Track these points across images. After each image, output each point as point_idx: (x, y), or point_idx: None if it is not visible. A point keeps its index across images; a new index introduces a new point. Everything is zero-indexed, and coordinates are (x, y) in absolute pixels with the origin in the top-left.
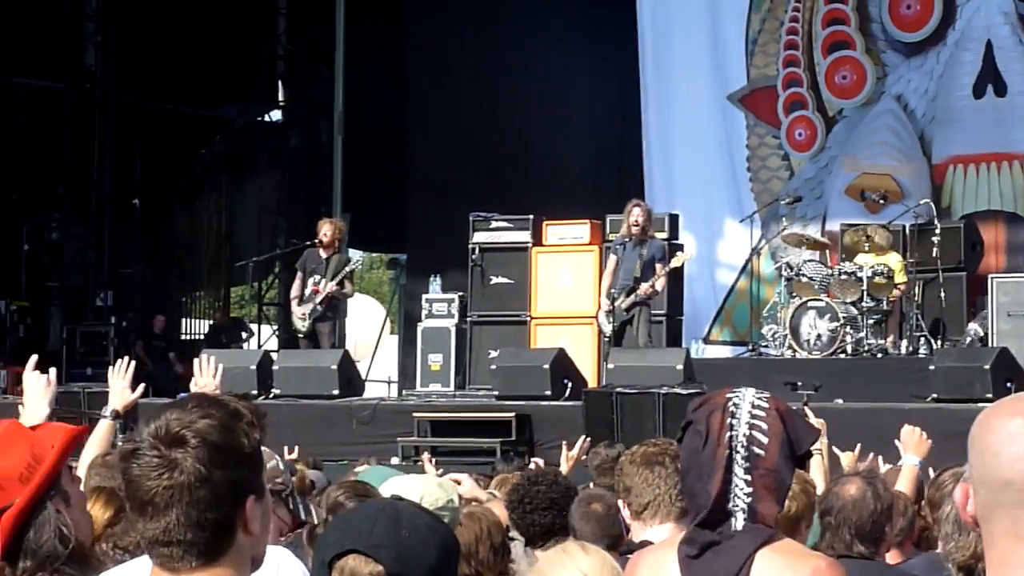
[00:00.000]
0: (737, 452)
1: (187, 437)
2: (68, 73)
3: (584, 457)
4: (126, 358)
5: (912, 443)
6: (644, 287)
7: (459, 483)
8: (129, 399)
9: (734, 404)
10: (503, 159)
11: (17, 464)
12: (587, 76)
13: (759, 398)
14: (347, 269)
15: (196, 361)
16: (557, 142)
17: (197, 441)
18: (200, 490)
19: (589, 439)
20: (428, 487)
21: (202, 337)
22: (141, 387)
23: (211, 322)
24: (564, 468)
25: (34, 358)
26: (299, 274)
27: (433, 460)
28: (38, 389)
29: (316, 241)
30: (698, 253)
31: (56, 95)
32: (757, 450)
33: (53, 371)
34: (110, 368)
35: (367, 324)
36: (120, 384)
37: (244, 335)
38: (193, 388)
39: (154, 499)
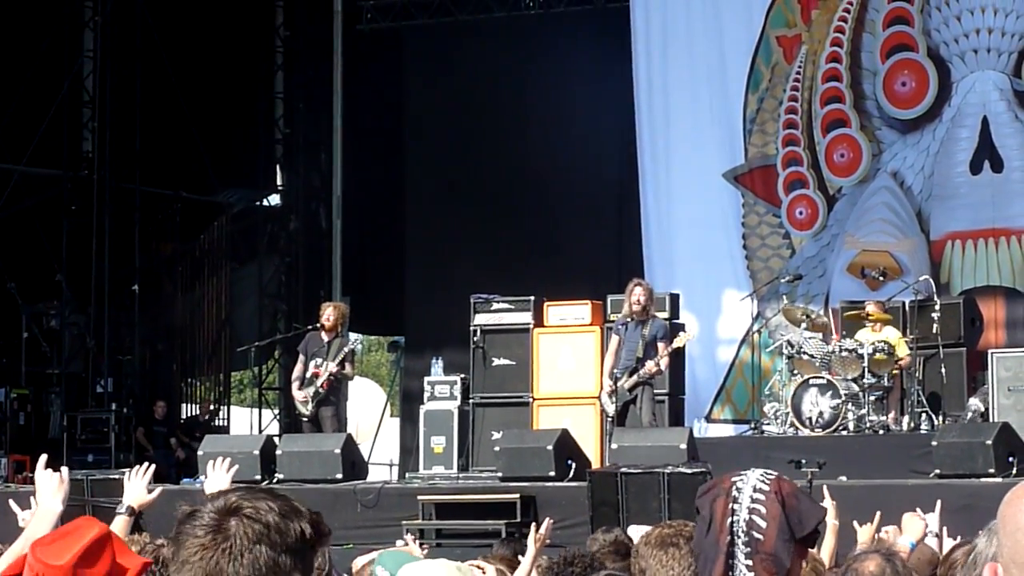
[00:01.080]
0: (738, 537)
1: (243, 508)
2: (66, 160)
3: (548, 541)
4: (147, 464)
5: (914, 529)
6: (648, 366)
7: (483, 571)
8: (146, 499)
9: (737, 488)
10: (502, 240)
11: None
12: (585, 155)
13: (761, 481)
14: (346, 350)
15: (209, 464)
16: (556, 222)
17: (252, 515)
18: (241, 559)
19: (551, 520)
20: (448, 574)
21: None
22: (159, 489)
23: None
24: (531, 550)
25: (44, 457)
26: (301, 357)
27: (418, 541)
28: (51, 486)
29: (318, 325)
30: (699, 332)
31: (54, 182)
32: (756, 535)
33: (65, 470)
34: (128, 471)
35: (367, 407)
36: (140, 483)
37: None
38: (207, 488)
39: (195, 557)
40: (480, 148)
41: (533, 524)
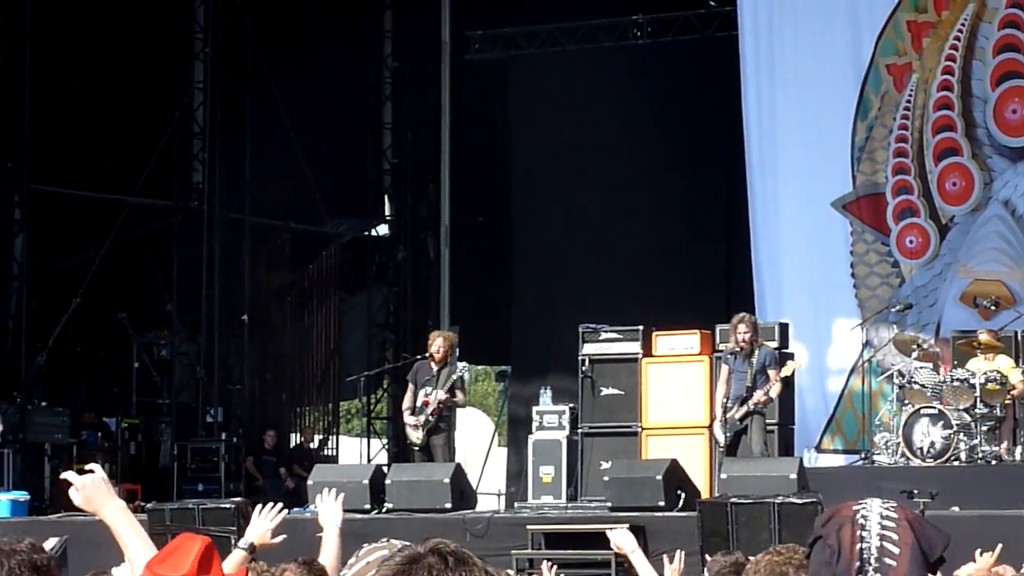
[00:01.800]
0: (869, 564)
1: (472, 559)
2: (176, 191)
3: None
4: (280, 505)
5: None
6: (758, 395)
7: None
8: (269, 541)
9: (863, 516)
10: (609, 269)
11: None
12: (693, 182)
13: (887, 508)
14: (454, 377)
15: (319, 494)
16: (663, 251)
17: (482, 564)
18: None
19: (683, 551)
20: None
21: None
22: (281, 537)
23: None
24: None
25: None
26: (410, 386)
27: (553, 568)
28: (95, 483)
29: (428, 354)
30: (808, 362)
31: (165, 213)
32: (889, 561)
33: (95, 466)
34: (259, 507)
35: (475, 436)
36: (266, 525)
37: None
38: (321, 517)
39: None
40: (587, 177)
41: (665, 556)
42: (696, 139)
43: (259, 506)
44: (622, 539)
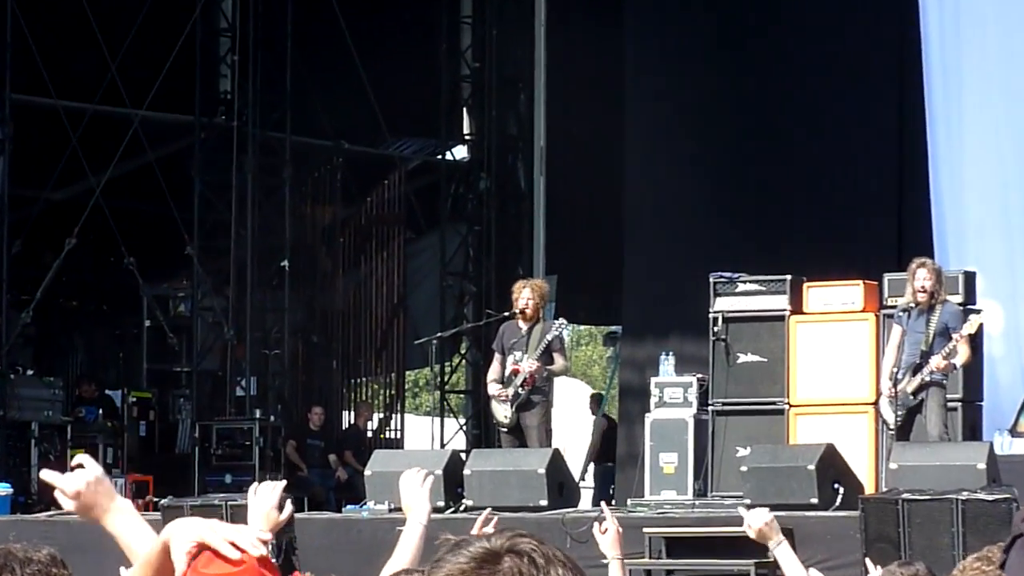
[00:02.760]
0: None
1: (524, 549)
2: (199, 103)
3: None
4: (275, 482)
5: None
6: (935, 360)
7: None
8: (277, 519)
9: None
10: (746, 204)
11: None
12: (853, 98)
13: None
14: (549, 338)
15: (403, 476)
16: (818, 182)
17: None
18: None
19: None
20: None
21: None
22: (289, 508)
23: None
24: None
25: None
26: (496, 355)
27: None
28: (91, 487)
29: (514, 311)
30: (1004, 325)
31: (183, 130)
32: None
33: (85, 458)
34: (252, 487)
35: (577, 415)
36: (266, 505)
37: None
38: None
39: None
40: (719, 92)
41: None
42: (856, 44)
43: (252, 487)
44: (760, 520)
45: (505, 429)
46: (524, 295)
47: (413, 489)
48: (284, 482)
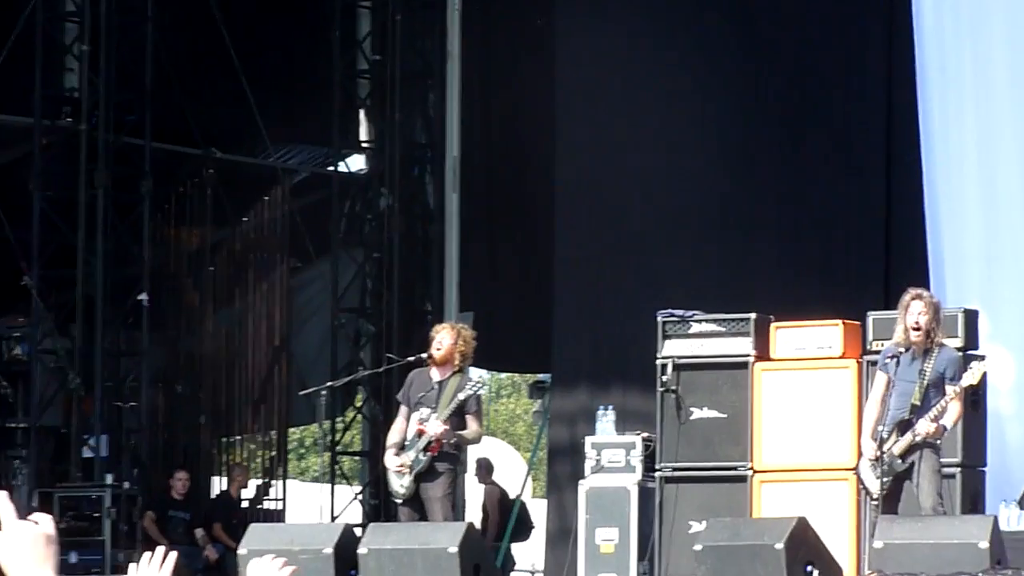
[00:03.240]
0: None
1: None
2: (38, 103)
3: None
4: (163, 548)
5: None
6: (923, 425)
7: None
8: None
9: None
10: (703, 228)
11: None
12: (829, 99)
13: None
14: (461, 397)
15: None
16: (782, 203)
17: None
18: None
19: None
20: None
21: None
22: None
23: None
24: None
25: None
26: (402, 408)
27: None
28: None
29: (426, 356)
30: (1016, 376)
31: (19, 136)
32: None
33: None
34: (133, 565)
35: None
36: None
37: None
38: None
39: None
40: (670, 93)
41: None
42: (834, 33)
43: (133, 566)
44: None
45: (401, 500)
46: (442, 338)
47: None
48: (175, 553)
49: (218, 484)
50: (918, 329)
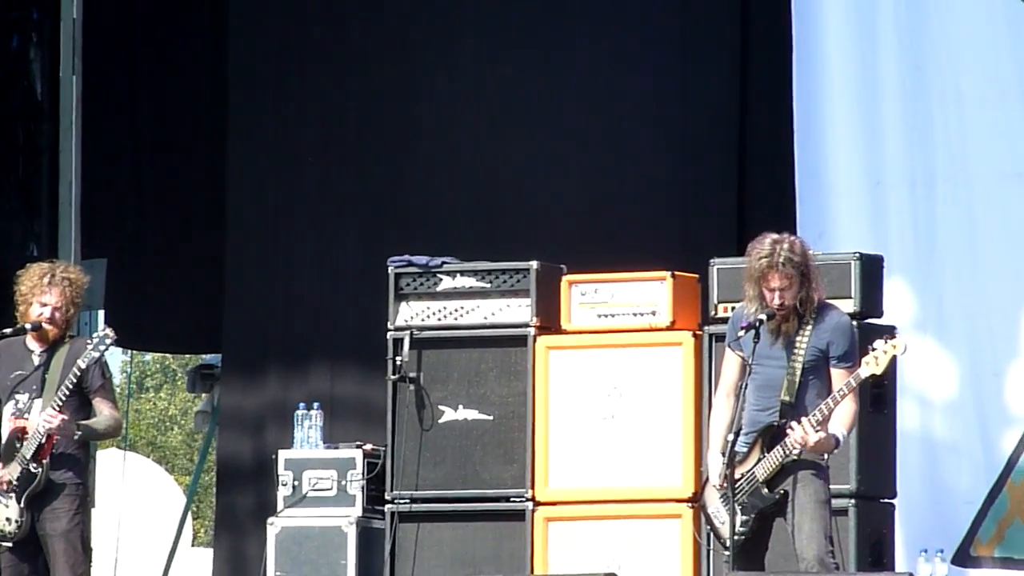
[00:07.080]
0: None
1: None
2: None
3: None
4: None
5: None
6: (797, 434)
7: None
8: None
9: None
10: (447, 140)
11: None
12: None
13: None
14: (83, 364)
15: None
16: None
17: None
18: None
19: None
20: None
21: None
22: None
23: None
24: None
25: None
26: None
27: None
28: None
29: (25, 324)
30: (959, 383)
31: None
32: None
33: None
34: None
35: (145, 514)
36: None
37: None
38: None
39: None
40: None
41: None
42: None
43: None
44: None
45: (9, 544)
46: (48, 295)
47: None
48: None
49: None
50: (784, 292)
